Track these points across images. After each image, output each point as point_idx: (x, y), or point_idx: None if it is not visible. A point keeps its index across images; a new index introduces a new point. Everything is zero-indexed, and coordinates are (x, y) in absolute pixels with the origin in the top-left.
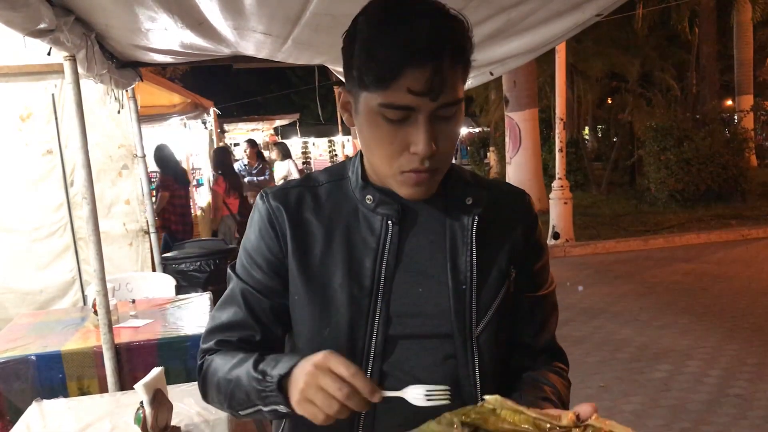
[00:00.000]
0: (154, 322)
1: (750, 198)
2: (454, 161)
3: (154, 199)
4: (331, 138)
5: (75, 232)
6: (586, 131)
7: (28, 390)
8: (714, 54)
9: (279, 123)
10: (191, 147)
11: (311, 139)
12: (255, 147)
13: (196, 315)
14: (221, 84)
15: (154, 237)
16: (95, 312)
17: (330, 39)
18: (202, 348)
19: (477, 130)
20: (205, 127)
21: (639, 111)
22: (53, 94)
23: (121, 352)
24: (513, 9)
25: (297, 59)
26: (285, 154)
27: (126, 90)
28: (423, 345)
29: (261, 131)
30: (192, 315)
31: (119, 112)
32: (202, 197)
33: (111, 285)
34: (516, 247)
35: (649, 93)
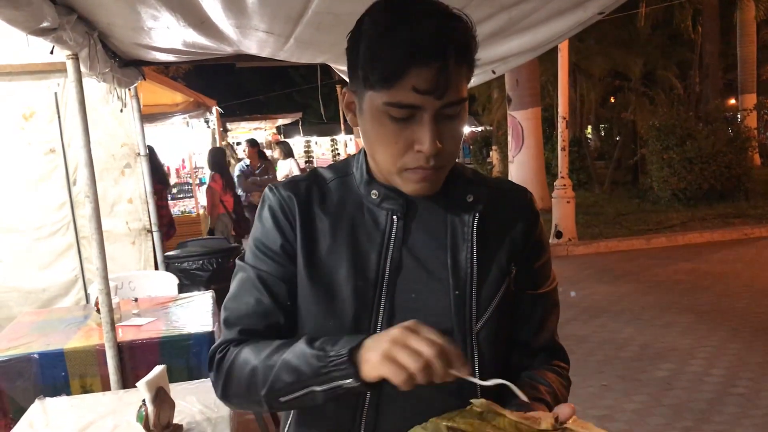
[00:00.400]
0: (156, 320)
1: (753, 197)
2: (456, 160)
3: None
4: (334, 137)
5: (78, 230)
6: (588, 130)
7: (30, 388)
8: (717, 52)
9: (281, 122)
10: (194, 146)
11: (314, 138)
12: (255, 146)
13: (198, 313)
14: (224, 83)
15: (156, 236)
16: (98, 310)
17: (332, 38)
18: (223, 339)
19: (479, 129)
20: (208, 126)
21: (642, 110)
22: (56, 92)
23: (124, 350)
24: (514, 7)
25: (299, 58)
26: (287, 153)
27: (129, 89)
28: None
29: (263, 130)
30: (194, 313)
31: (122, 110)
32: (203, 196)
33: (113, 283)
34: (516, 245)
35: (652, 92)
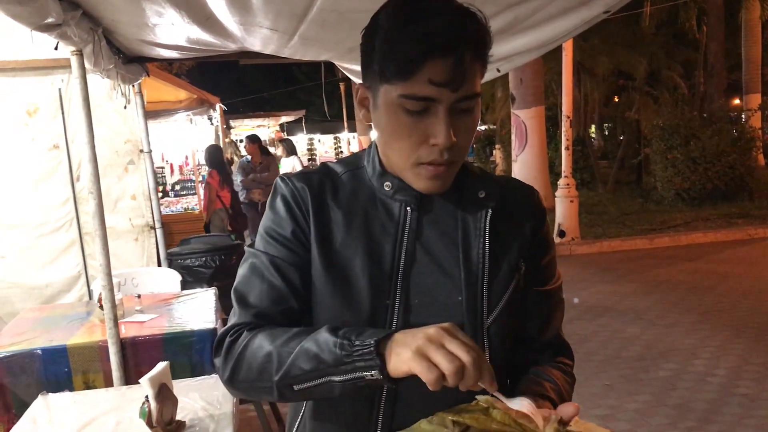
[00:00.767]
0: (159, 317)
1: (757, 197)
2: None
3: None
4: (337, 135)
5: (81, 227)
6: (592, 129)
7: (33, 384)
8: (722, 52)
9: (285, 119)
10: (197, 143)
11: (317, 136)
12: (257, 142)
13: (201, 310)
14: (227, 80)
15: (159, 232)
16: (101, 306)
17: (336, 35)
18: (237, 322)
19: (483, 127)
20: (211, 123)
21: (646, 109)
22: (60, 89)
23: (127, 346)
24: (520, 6)
25: (303, 55)
26: (290, 150)
27: (132, 85)
28: None
29: (267, 127)
30: (197, 310)
31: (126, 107)
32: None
33: (117, 280)
34: (525, 242)
35: (656, 91)
